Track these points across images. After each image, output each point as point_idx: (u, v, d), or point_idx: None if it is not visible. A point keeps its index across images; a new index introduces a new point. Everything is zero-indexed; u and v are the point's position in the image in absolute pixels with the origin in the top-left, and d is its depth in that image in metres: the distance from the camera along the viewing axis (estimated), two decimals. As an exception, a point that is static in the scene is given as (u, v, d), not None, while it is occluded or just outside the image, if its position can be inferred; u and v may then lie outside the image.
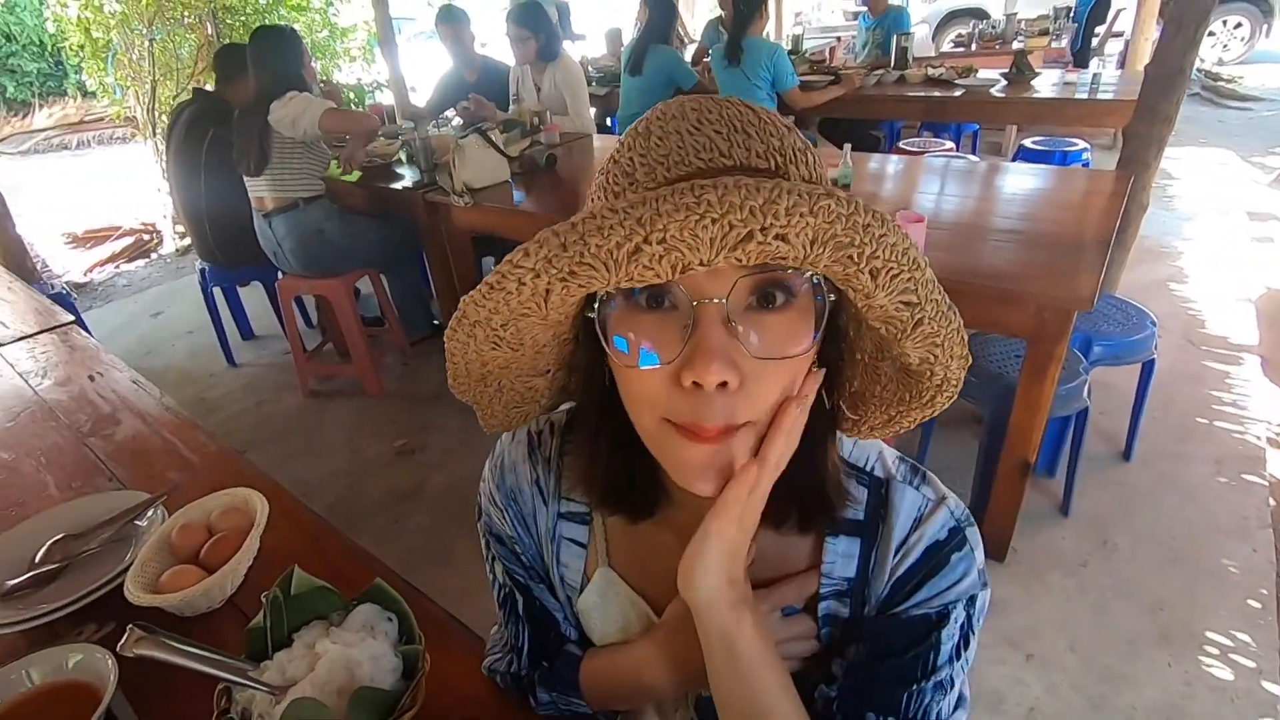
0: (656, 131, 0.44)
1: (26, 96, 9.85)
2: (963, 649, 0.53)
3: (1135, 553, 1.87)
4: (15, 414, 1.32)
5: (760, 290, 0.41)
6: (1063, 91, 3.50)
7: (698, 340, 0.41)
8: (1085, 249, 1.67)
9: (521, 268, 0.38)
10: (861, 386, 0.52)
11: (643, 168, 0.43)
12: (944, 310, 0.42)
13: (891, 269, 0.38)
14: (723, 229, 0.35)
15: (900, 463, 0.58)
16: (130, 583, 0.80)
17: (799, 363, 0.44)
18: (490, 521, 0.67)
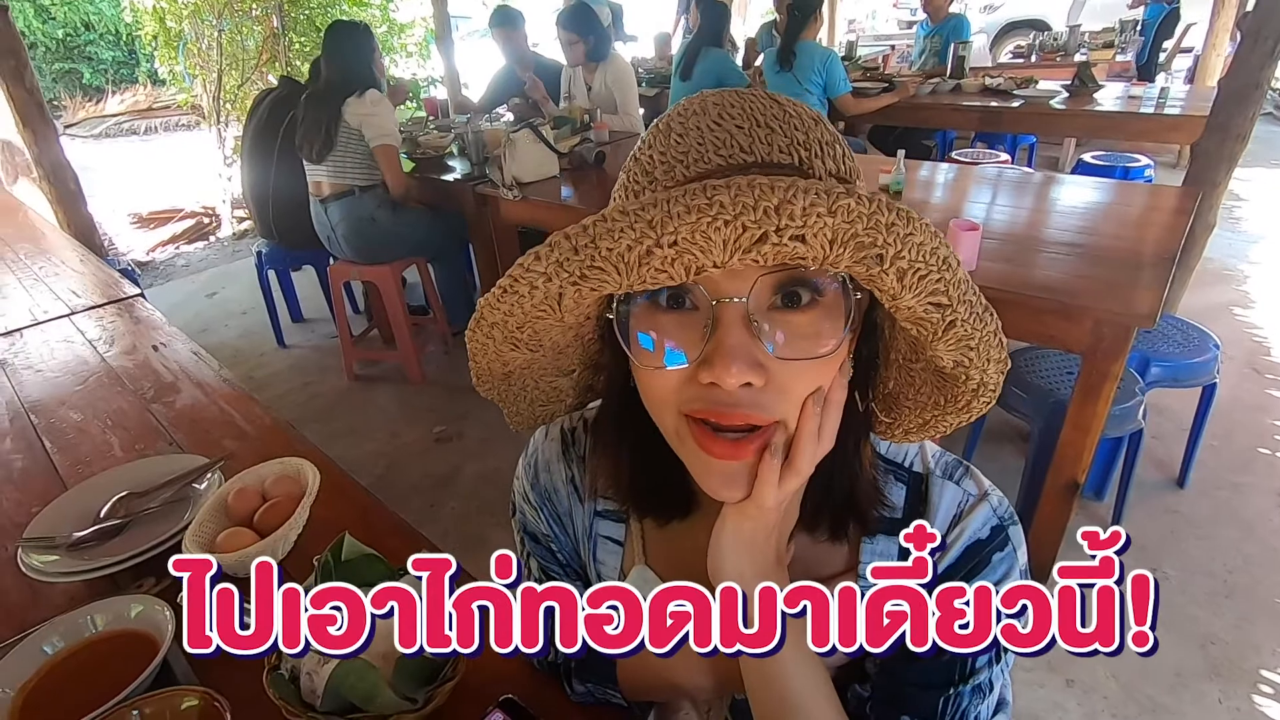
0: (677, 128, 0.43)
1: (101, 83, 10.31)
2: (1003, 652, 0.51)
3: (1186, 584, 1.80)
4: (84, 378, 1.39)
5: (784, 289, 0.40)
6: (1127, 105, 3.39)
7: (718, 340, 0.39)
8: (1147, 265, 1.62)
9: (533, 271, 0.38)
10: (896, 388, 0.50)
11: (662, 165, 0.43)
12: (978, 313, 0.39)
13: (919, 270, 0.36)
14: (736, 230, 0.33)
15: (941, 457, 0.56)
16: (188, 540, 0.83)
17: (829, 363, 0.42)
18: (525, 519, 0.68)
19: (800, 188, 0.33)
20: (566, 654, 0.66)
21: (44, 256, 2.18)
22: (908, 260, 0.35)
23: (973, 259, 1.64)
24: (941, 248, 0.36)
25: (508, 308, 0.41)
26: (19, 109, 3.55)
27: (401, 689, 0.62)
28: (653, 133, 0.45)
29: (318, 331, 3.56)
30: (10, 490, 1.06)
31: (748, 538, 0.47)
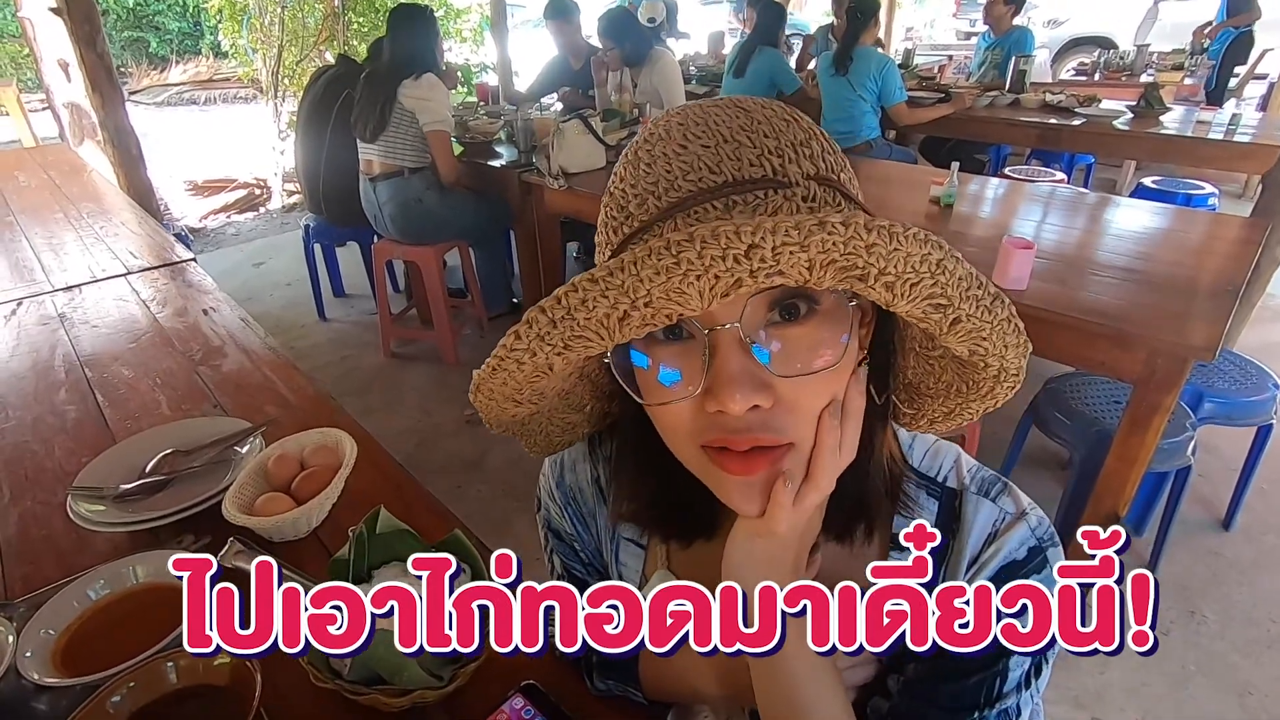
0: (644, 158, 0.42)
1: (166, 53, 10.63)
2: (1033, 677, 0.49)
3: (1226, 629, 1.73)
4: (137, 337, 1.43)
5: (780, 304, 0.39)
6: (1195, 130, 3.26)
7: (717, 369, 0.39)
8: (1208, 296, 1.56)
9: (516, 349, 0.38)
10: (915, 378, 0.49)
11: (635, 198, 0.41)
12: (986, 305, 0.38)
13: (909, 279, 0.35)
14: (709, 281, 0.33)
15: (978, 472, 0.54)
16: (228, 502, 0.85)
17: (838, 371, 0.41)
18: (549, 516, 0.68)
19: (767, 228, 0.31)
20: (597, 651, 0.67)
21: (105, 217, 2.25)
22: (894, 274, 0.34)
23: (1024, 277, 1.60)
24: (934, 253, 0.34)
25: (500, 381, 0.41)
26: (89, 73, 3.67)
27: (427, 665, 0.63)
28: (622, 164, 0.44)
29: (358, 307, 3.62)
30: (64, 439, 1.10)
31: (761, 556, 0.46)
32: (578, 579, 0.67)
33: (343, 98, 2.90)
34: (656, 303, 0.34)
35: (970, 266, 0.37)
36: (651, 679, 0.63)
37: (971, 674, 0.49)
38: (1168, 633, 1.73)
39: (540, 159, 2.65)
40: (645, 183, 0.41)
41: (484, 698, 0.67)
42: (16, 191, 2.60)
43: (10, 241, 2.02)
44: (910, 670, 0.53)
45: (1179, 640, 1.71)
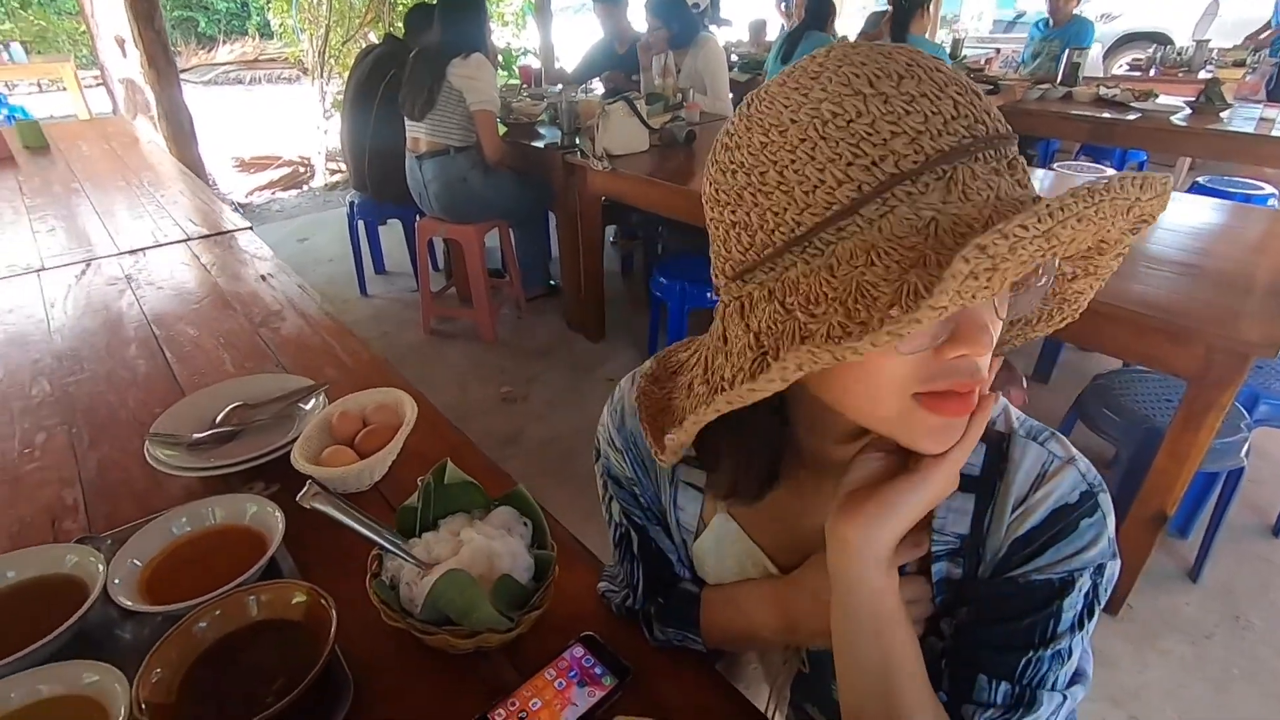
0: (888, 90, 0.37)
1: (214, 32, 10.86)
2: (1086, 619, 0.49)
3: (1272, 635, 1.69)
4: (200, 299, 1.48)
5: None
6: (1258, 127, 3.16)
7: (970, 317, 0.39)
8: (1269, 293, 1.51)
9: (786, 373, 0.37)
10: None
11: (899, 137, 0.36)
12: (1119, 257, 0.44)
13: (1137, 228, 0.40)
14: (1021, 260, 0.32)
15: (1026, 421, 0.54)
16: (297, 451, 0.88)
17: None
18: (609, 464, 0.69)
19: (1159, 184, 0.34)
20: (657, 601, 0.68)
21: (162, 186, 2.32)
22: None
23: (1078, 269, 1.57)
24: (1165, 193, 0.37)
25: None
26: (147, 49, 3.78)
27: (497, 608, 0.65)
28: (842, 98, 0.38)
29: (398, 285, 3.68)
30: (135, 391, 1.14)
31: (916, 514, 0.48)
32: (636, 524, 0.69)
33: (389, 76, 2.94)
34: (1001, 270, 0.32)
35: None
36: (712, 625, 0.65)
37: (1024, 616, 0.50)
38: (1211, 636, 1.70)
39: (584, 141, 2.66)
40: (908, 122, 0.36)
41: (543, 647, 0.69)
42: (80, 160, 2.69)
43: (76, 207, 2.10)
44: (963, 614, 0.53)
45: (1222, 644, 1.68)
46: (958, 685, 0.52)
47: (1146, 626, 1.71)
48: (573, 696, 0.64)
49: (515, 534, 0.74)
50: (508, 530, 0.74)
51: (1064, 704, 0.50)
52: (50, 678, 0.60)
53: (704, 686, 0.67)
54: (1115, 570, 0.50)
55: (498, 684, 0.66)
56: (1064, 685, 0.50)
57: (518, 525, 0.75)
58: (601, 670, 0.66)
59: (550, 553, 0.72)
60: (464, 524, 0.74)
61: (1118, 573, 0.51)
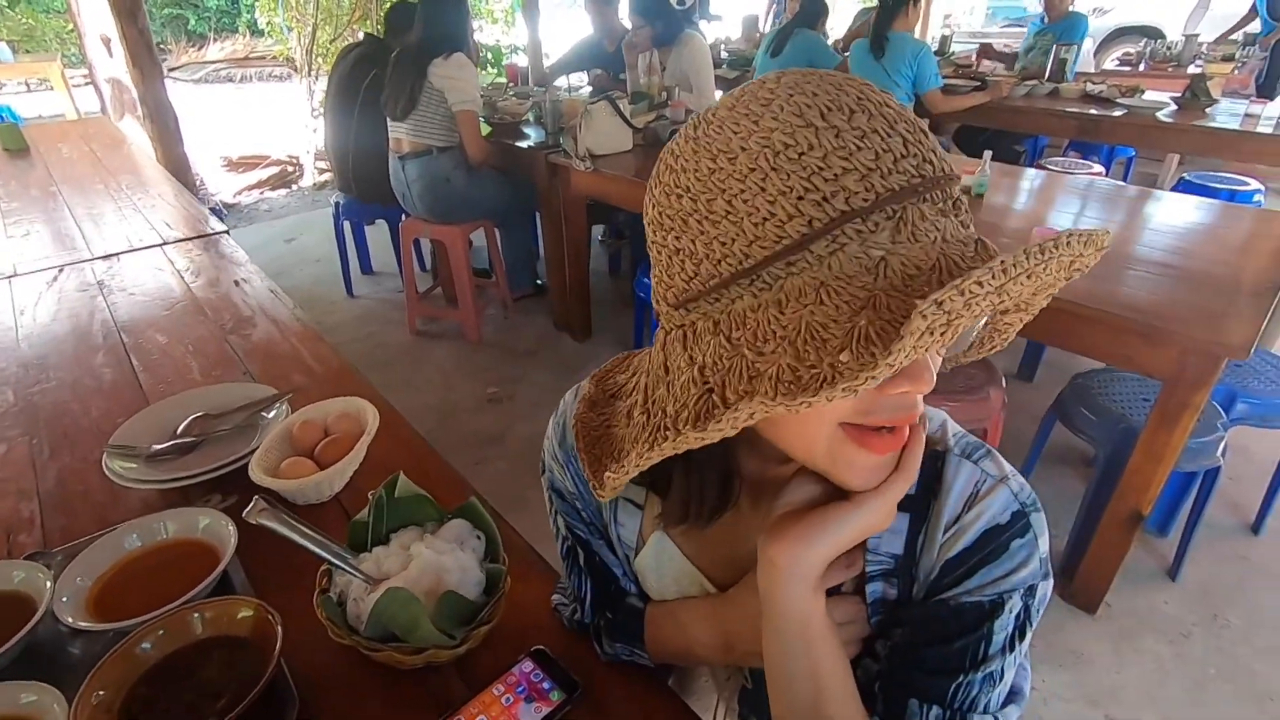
0: (837, 123, 0.36)
1: (204, 30, 10.79)
2: (1017, 640, 0.49)
3: (1250, 634, 1.70)
4: (171, 305, 1.47)
5: None
6: (1243, 123, 3.16)
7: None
8: (1245, 294, 1.51)
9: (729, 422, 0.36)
10: None
11: (852, 174, 0.36)
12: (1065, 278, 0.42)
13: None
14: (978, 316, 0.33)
15: (962, 437, 0.54)
16: (255, 464, 0.88)
17: None
18: (553, 476, 0.69)
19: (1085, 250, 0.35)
20: (606, 616, 0.68)
21: (143, 188, 2.30)
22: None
23: (1055, 270, 1.57)
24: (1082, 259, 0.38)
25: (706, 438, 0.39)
26: (130, 47, 3.74)
27: (441, 625, 0.65)
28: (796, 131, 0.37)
29: (384, 285, 3.67)
30: (100, 400, 1.14)
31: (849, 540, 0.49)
32: (580, 538, 0.68)
33: (370, 77, 2.92)
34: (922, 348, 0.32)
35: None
36: (654, 641, 0.65)
37: (955, 639, 0.49)
38: (1189, 635, 1.70)
39: (567, 140, 2.65)
40: (860, 158, 0.36)
41: (495, 660, 0.69)
42: (59, 163, 2.68)
43: (53, 211, 2.08)
44: (897, 635, 0.53)
45: (1201, 643, 1.68)
46: (890, 709, 0.51)
47: (1124, 625, 1.72)
48: (519, 713, 0.63)
49: (467, 547, 0.74)
50: (460, 544, 0.74)
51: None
52: (-12, 698, 0.60)
53: (654, 701, 0.67)
54: (1047, 590, 0.50)
55: (446, 699, 0.66)
56: (996, 707, 0.50)
57: (470, 538, 0.75)
58: (550, 685, 0.66)
59: (501, 567, 0.72)
60: (415, 538, 0.73)
61: (1049, 593, 0.50)
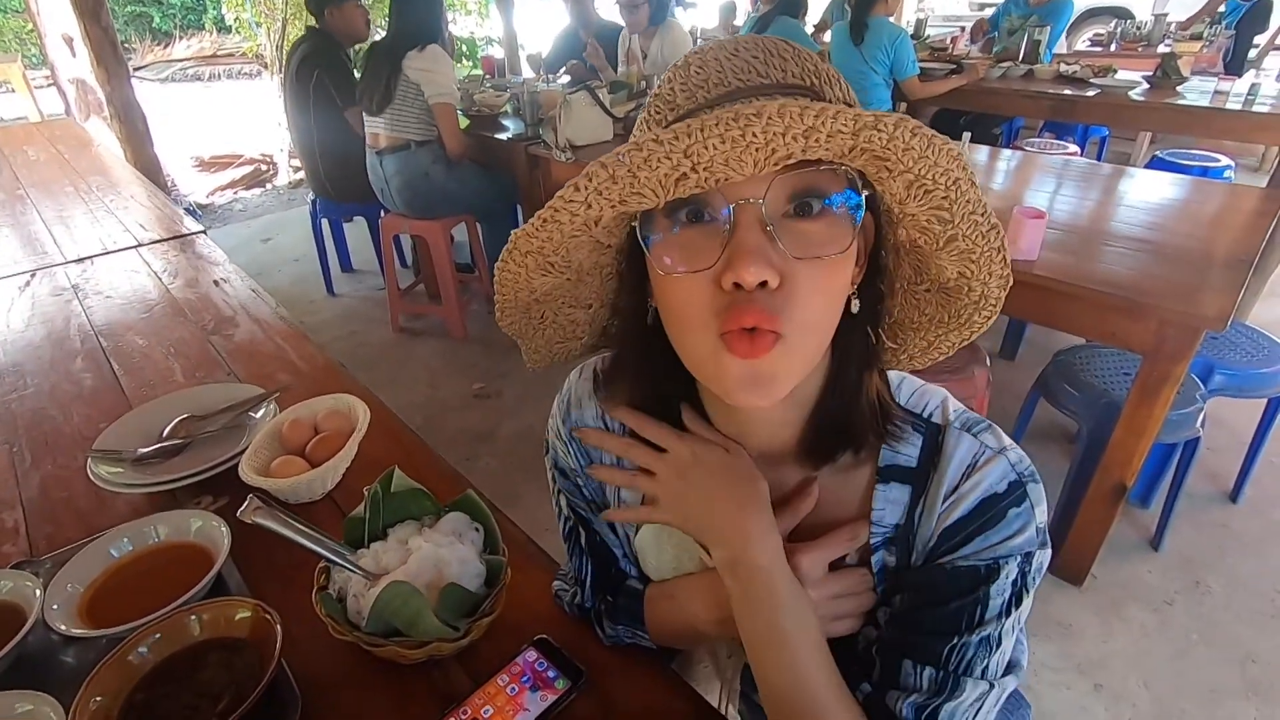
0: (695, 63, 0.46)
1: (169, 28, 10.55)
2: (1013, 606, 0.50)
3: (1230, 600, 1.74)
4: (150, 307, 1.44)
5: (797, 198, 0.42)
6: (1213, 100, 3.21)
7: (737, 241, 0.41)
8: (1220, 267, 1.54)
9: (574, 201, 0.41)
10: (901, 315, 0.54)
11: (683, 92, 0.45)
12: (983, 231, 0.43)
13: (926, 185, 0.40)
14: (766, 153, 0.37)
15: (963, 413, 0.55)
16: (245, 464, 0.87)
17: (840, 271, 0.44)
18: (556, 455, 0.70)
19: (830, 113, 0.35)
20: (606, 599, 0.69)
21: (114, 190, 2.25)
22: (915, 175, 0.39)
23: (1035, 248, 1.59)
24: (955, 170, 0.39)
25: (546, 235, 0.44)
26: (94, 46, 3.66)
27: (444, 617, 0.64)
28: (671, 71, 0.47)
29: (366, 283, 3.63)
30: (81, 406, 1.11)
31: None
32: (581, 517, 0.69)
33: (315, 79, 2.87)
34: (715, 167, 0.38)
35: (979, 194, 0.41)
36: (655, 621, 0.65)
37: (950, 600, 0.50)
38: (1172, 603, 1.74)
39: (547, 131, 2.63)
40: (695, 80, 0.45)
41: (498, 652, 0.68)
42: (26, 165, 2.61)
43: (21, 215, 2.03)
44: (896, 602, 0.54)
45: (1184, 610, 1.72)
46: (885, 671, 0.52)
47: (1110, 595, 1.75)
48: (525, 702, 0.63)
49: (466, 540, 0.73)
50: (458, 536, 0.73)
51: (990, 692, 0.51)
52: (-18, 709, 0.59)
53: (658, 684, 0.67)
54: (1044, 559, 0.51)
55: (451, 692, 0.66)
56: (995, 674, 0.51)
57: (469, 531, 0.75)
58: (555, 674, 0.66)
59: (501, 558, 0.72)
60: (413, 532, 0.73)
61: (1047, 562, 0.51)
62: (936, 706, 0.50)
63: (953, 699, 0.50)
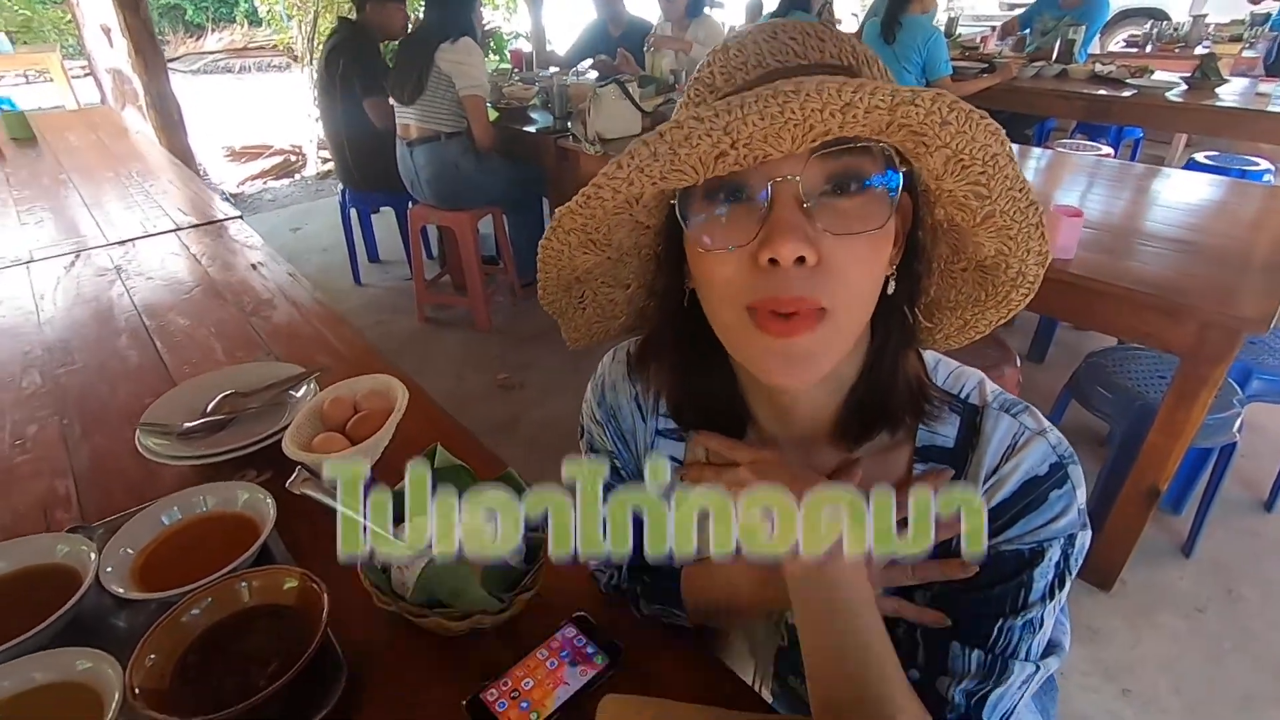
0: (734, 45, 0.46)
1: (201, 20, 10.72)
2: (1057, 588, 0.50)
3: (1265, 609, 1.71)
4: (190, 289, 1.47)
5: (835, 178, 0.42)
6: (1253, 103, 3.14)
7: (774, 219, 0.42)
8: (1263, 270, 1.51)
9: (616, 178, 0.41)
10: (938, 293, 0.54)
11: (722, 75, 0.46)
12: (1021, 207, 0.43)
13: (964, 160, 0.40)
14: (804, 130, 0.37)
15: (1000, 395, 0.55)
16: (288, 440, 0.88)
17: (878, 249, 0.45)
18: (591, 438, 0.70)
19: (866, 89, 0.35)
20: (643, 579, 0.69)
21: (152, 176, 2.30)
22: (953, 150, 0.39)
23: (1072, 246, 1.57)
24: (994, 145, 0.39)
25: (590, 211, 0.45)
26: (133, 37, 3.73)
27: (488, 588, 0.65)
28: (711, 55, 0.48)
29: (392, 273, 3.67)
30: (127, 382, 1.14)
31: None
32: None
33: (340, 69, 2.90)
34: (754, 144, 0.38)
35: (1018, 170, 0.41)
36: (693, 596, 0.65)
37: (995, 584, 0.50)
38: (1204, 610, 1.71)
39: (576, 124, 2.64)
40: (734, 62, 0.46)
41: (538, 627, 0.69)
42: (67, 151, 2.67)
43: (64, 198, 2.08)
44: (937, 585, 0.54)
45: (1216, 618, 1.69)
46: (931, 655, 0.52)
47: (1140, 601, 1.73)
48: (564, 676, 0.64)
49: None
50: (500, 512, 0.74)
51: (1036, 673, 0.51)
52: (44, 665, 0.61)
53: (693, 663, 0.67)
54: (1085, 540, 0.51)
55: (492, 664, 0.67)
56: (1037, 655, 0.51)
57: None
58: (593, 650, 0.66)
59: (542, 535, 0.73)
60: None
61: (1088, 543, 0.51)
62: (987, 693, 0.50)
63: (1000, 683, 0.50)
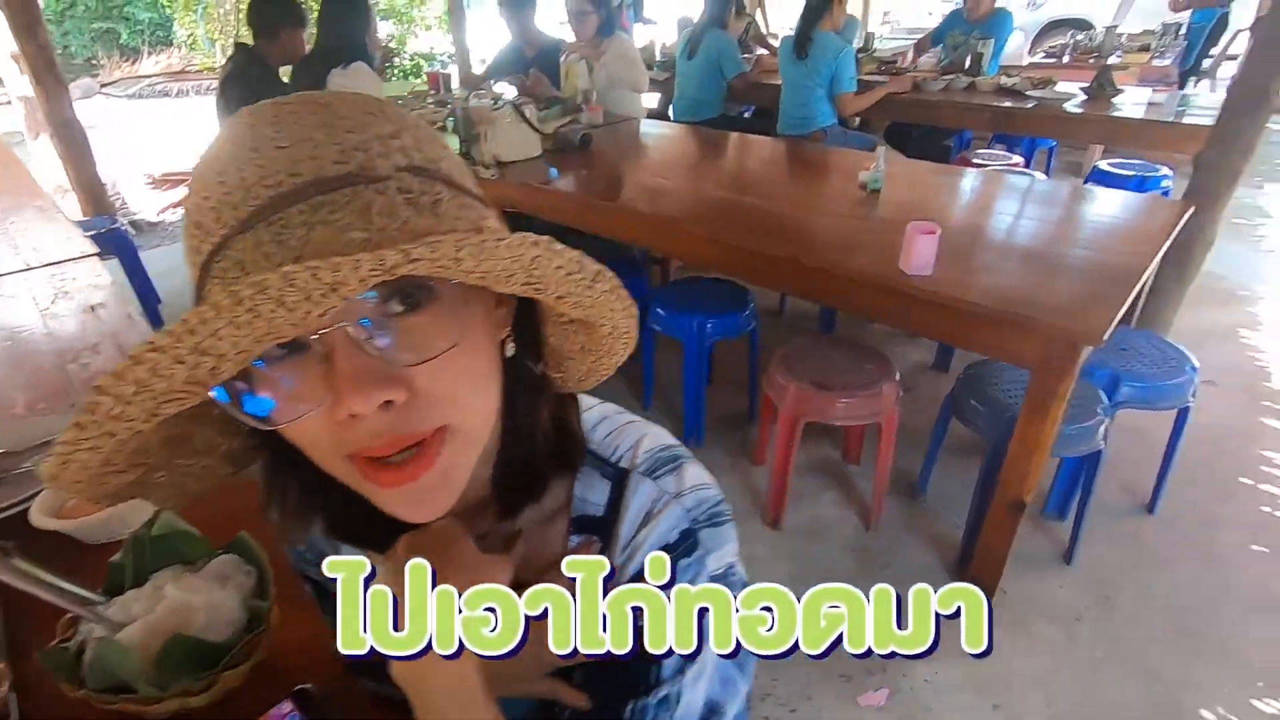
0: (215, 168, 0.36)
1: (137, 44, 10.46)
2: (691, 661, 0.48)
3: (1139, 615, 1.73)
4: (14, 334, 1.40)
5: (396, 296, 0.36)
6: (1148, 112, 3.24)
7: (337, 371, 0.35)
8: (1110, 280, 1.54)
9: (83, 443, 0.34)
10: (556, 343, 0.51)
11: (212, 214, 0.36)
12: (585, 284, 0.39)
13: (500, 275, 0.36)
14: (301, 314, 0.31)
15: (656, 452, 0.52)
16: (36, 506, 0.83)
17: (477, 346, 0.40)
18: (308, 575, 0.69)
19: (347, 267, 0.29)
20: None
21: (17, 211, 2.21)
22: (483, 272, 0.35)
23: (929, 263, 1.58)
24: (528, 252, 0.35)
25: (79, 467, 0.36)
26: (31, 64, 3.63)
27: (170, 670, 0.61)
28: (195, 178, 0.38)
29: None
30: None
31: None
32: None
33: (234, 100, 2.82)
34: (247, 347, 0.32)
35: (572, 254, 0.37)
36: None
37: (626, 665, 0.48)
38: (1080, 618, 1.73)
39: (475, 147, 2.61)
40: (220, 195, 0.36)
41: (260, 702, 0.65)
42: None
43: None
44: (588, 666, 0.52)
45: (1091, 627, 1.71)
46: None
47: (1017, 611, 1.74)
48: (263, 761, 0.60)
49: (231, 584, 0.70)
50: (222, 581, 0.70)
51: None
52: None
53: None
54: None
55: (199, 749, 0.63)
56: None
57: (237, 575, 0.71)
58: (304, 728, 0.63)
59: (264, 603, 0.69)
60: (171, 578, 0.70)
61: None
62: None
63: None
